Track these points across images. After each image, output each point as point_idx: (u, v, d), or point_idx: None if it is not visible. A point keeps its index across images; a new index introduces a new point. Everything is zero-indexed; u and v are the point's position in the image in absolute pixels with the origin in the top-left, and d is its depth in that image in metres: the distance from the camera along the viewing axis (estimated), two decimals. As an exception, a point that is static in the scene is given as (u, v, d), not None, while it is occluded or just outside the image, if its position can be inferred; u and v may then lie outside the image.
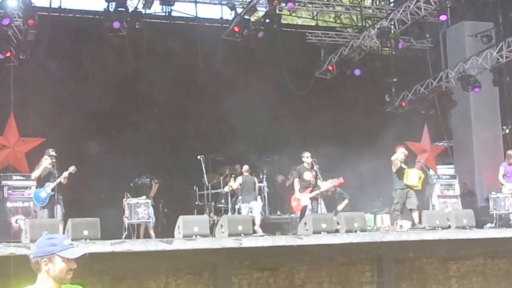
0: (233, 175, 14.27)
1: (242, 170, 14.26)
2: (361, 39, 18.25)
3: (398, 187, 13.43)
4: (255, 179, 14.02)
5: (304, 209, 13.10)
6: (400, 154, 13.52)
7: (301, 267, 11.94)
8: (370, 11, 20.44)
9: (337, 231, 11.97)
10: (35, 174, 12.04)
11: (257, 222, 13.09)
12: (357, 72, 18.40)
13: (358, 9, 20.19)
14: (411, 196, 13.30)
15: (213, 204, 14.48)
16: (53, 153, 11.96)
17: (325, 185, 13.31)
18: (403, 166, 13.46)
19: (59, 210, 11.62)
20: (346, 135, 17.99)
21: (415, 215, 13.25)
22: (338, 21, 22.46)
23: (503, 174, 14.63)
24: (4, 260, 9.31)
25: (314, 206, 13.14)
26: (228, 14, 18.21)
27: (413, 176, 13.47)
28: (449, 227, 12.95)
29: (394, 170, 13.48)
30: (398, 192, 13.41)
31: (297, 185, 13.30)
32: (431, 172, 17.26)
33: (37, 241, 3.28)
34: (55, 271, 3.15)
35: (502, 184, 14.60)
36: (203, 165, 14.00)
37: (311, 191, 13.20)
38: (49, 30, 15.40)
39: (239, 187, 13.87)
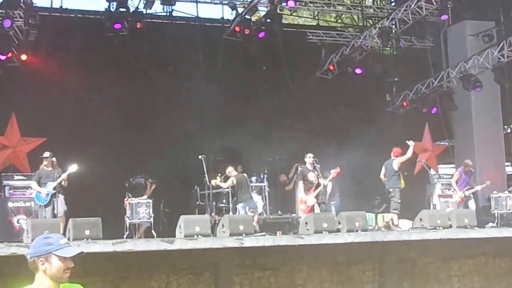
0: (219, 174, 14.22)
1: (237, 171, 14.36)
2: (362, 39, 18.24)
3: (399, 186, 13.66)
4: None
5: (312, 209, 13.23)
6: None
7: (302, 267, 11.96)
8: (371, 10, 20.43)
9: (338, 230, 11.98)
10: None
11: (255, 218, 13.17)
12: (358, 71, 18.40)
13: (359, 8, 20.18)
14: None
15: (214, 203, 14.48)
16: (46, 155, 12.04)
17: (325, 181, 13.51)
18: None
19: (59, 205, 11.65)
20: (347, 134, 17.97)
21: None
22: (339, 20, 22.44)
23: (456, 179, 14.78)
24: (6, 260, 9.33)
25: (323, 209, 13.30)
26: (229, 14, 18.22)
27: (403, 181, 13.91)
28: (450, 226, 12.96)
29: (396, 169, 13.66)
30: (399, 192, 13.60)
31: (301, 188, 13.51)
32: (432, 171, 17.28)
33: (33, 241, 3.29)
34: (52, 270, 3.16)
35: (454, 189, 14.76)
36: (204, 164, 14.00)
37: (314, 190, 13.36)
38: (50, 30, 15.41)
39: (233, 185, 13.87)
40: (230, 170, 13.85)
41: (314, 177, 13.42)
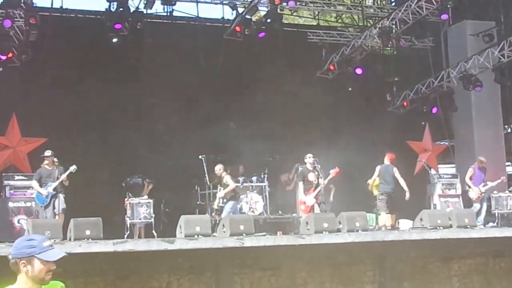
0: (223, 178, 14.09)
1: (239, 171, 14.36)
2: (363, 39, 18.25)
3: None
4: None
5: (312, 209, 13.24)
6: None
7: (303, 267, 11.96)
8: (372, 10, 20.44)
9: (338, 230, 11.98)
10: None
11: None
12: (358, 71, 18.40)
13: (360, 8, 20.19)
14: None
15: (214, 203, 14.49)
16: (47, 154, 12.06)
17: (325, 181, 13.53)
18: None
19: (58, 203, 11.68)
20: (347, 134, 17.98)
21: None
22: (339, 20, 22.46)
23: (470, 176, 14.80)
24: (6, 260, 9.33)
25: (323, 210, 13.30)
26: (229, 14, 18.25)
27: None
28: (451, 226, 12.97)
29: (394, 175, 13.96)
30: None
31: (300, 188, 13.52)
32: (433, 171, 17.29)
33: (15, 242, 3.24)
34: (34, 272, 3.14)
35: (469, 187, 14.77)
36: (204, 164, 14.02)
37: (314, 190, 13.37)
38: (50, 31, 15.43)
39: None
40: (220, 167, 13.67)
41: (314, 177, 13.44)
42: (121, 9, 15.22)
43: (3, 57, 14.52)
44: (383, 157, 14.37)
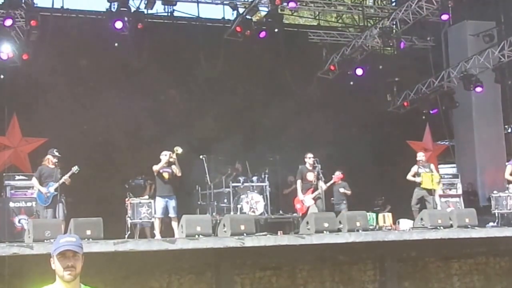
0: None
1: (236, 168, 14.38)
2: (363, 39, 18.26)
3: None
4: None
5: (308, 210, 13.19)
6: None
7: (303, 266, 11.96)
8: (372, 10, 20.44)
9: (339, 230, 11.99)
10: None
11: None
12: (359, 71, 18.40)
13: (360, 8, 20.20)
14: None
15: (215, 203, 14.50)
16: (57, 153, 12.00)
17: (326, 184, 13.45)
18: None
19: (61, 210, 11.65)
20: (348, 134, 18.00)
21: None
22: (340, 20, 22.47)
23: (510, 172, 14.70)
24: (7, 260, 9.35)
25: (319, 205, 13.23)
26: (230, 14, 18.24)
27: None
28: (451, 226, 12.97)
29: None
30: None
31: (299, 187, 13.46)
32: (433, 171, 17.29)
33: None
34: (56, 269, 3.24)
35: (510, 182, 14.64)
36: (205, 164, 14.03)
37: (313, 191, 13.31)
38: (51, 31, 15.43)
39: None
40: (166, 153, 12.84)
41: (313, 177, 13.38)
42: (122, 9, 15.23)
43: (4, 57, 14.54)
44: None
